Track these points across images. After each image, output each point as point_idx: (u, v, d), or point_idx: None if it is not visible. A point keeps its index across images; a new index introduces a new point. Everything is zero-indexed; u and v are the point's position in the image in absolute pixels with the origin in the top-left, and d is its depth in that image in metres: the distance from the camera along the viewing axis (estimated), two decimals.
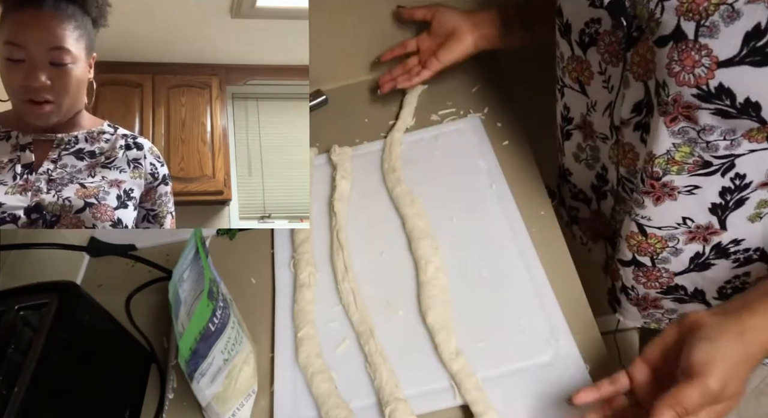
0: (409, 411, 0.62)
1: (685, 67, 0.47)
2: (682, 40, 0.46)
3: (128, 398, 0.72)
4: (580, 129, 0.70)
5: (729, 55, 0.44)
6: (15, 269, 0.76)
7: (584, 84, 0.64)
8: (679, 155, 0.54)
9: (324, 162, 0.95)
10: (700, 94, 0.47)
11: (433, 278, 0.73)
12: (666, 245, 0.64)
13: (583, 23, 0.59)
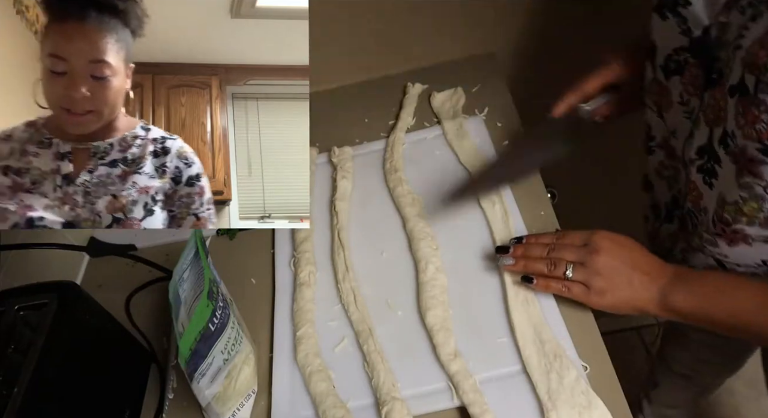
0: (405, 411, 0.62)
1: (748, 122, 0.46)
2: (746, 94, 0.45)
3: (128, 398, 0.72)
4: (662, 148, 0.68)
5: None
6: (15, 269, 0.76)
7: (662, 110, 0.62)
8: (747, 209, 0.53)
9: (325, 161, 0.95)
10: (762, 149, 0.46)
11: (432, 278, 0.73)
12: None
13: (671, 49, 0.56)
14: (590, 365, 0.63)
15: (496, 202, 0.78)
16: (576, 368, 0.61)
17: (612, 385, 0.62)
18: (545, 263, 0.65)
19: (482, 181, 0.74)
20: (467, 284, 0.73)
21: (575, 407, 0.58)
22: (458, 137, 0.89)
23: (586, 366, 0.63)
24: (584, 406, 0.58)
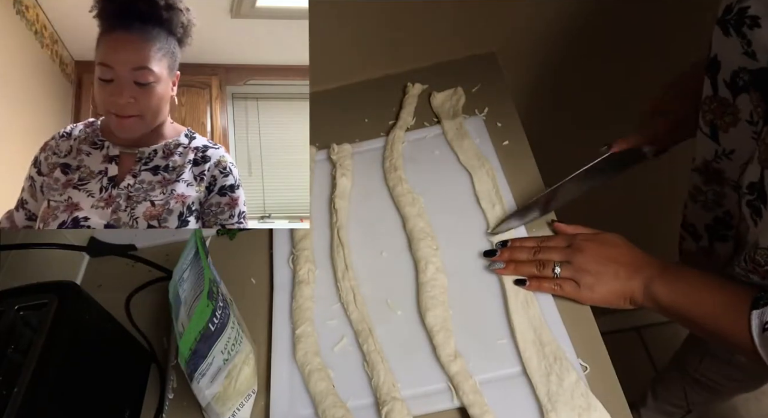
0: (405, 411, 0.62)
1: None
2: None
3: (128, 398, 0.72)
4: (700, 173, 0.66)
5: None
6: (15, 269, 0.76)
7: (718, 129, 0.58)
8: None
9: (324, 158, 0.95)
10: None
11: (432, 278, 0.73)
12: None
13: (737, 66, 0.53)
14: (590, 365, 0.63)
15: (496, 202, 0.78)
16: (576, 370, 0.61)
17: (612, 385, 0.62)
18: (534, 264, 0.68)
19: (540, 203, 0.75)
20: (467, 284, 0.73)
21: (575, 409, 0.58)
22: (458, 137, 0.89)
23: (586, 367, 0.63)
24: (584, 408, 0.58)
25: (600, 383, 0.61)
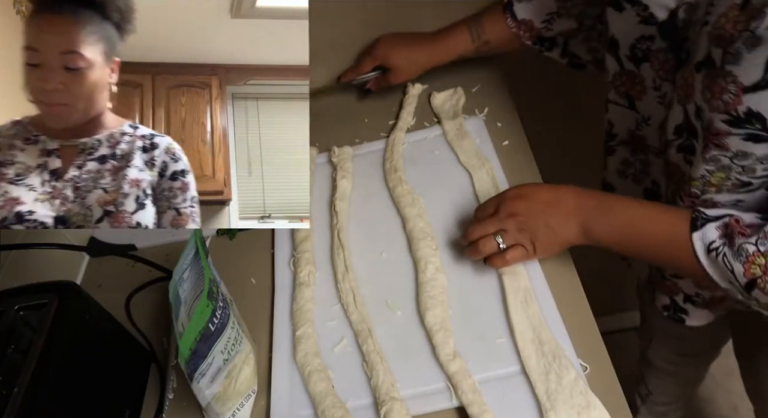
0: (404, 411, 0.62)
1: (714, 94, 0.47)
2: (712, 68, 0.47)
3: (128, 398, 0.72)
4: (626, 144, 0.69)
5: (753, 80, 0.44)
6: (15, 269, 0.76)
7: (634, 99, 0.64)
8: (715, 179, 0.54)
9: (325, 161, 0.95)
10: (729, 120, 0.47)
11: (432, 278, 0.73)
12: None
13: (633, 39, 0.58)
14: (590, 365, 0.63)
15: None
16: (575, 368, 0.61)
17: (611, 385, 0.62)
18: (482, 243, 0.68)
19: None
20: (467, 284, 0.73)
21: (574, 407, 0.58)
22: (458, 137, 0.89)
23: (585, 366, 0.63)
24: (583, 406, 0.58)
25: (600, 383, 0.61)
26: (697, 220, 0.53)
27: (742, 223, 0.51)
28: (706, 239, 0.52)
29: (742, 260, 0.50)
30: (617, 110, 0.67)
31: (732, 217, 0.52)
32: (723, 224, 0.52)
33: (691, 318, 0.76)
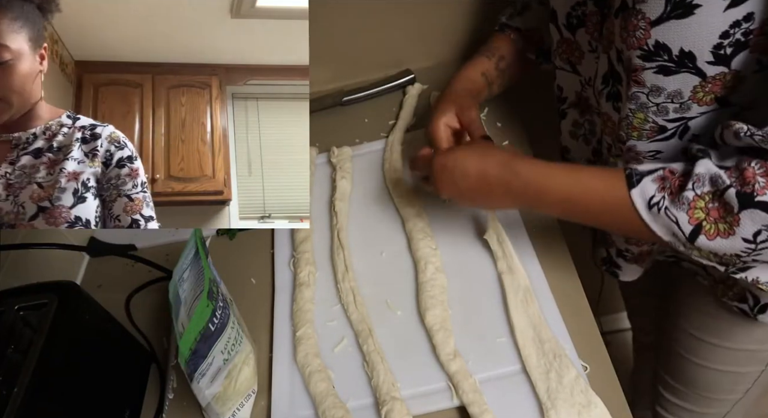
0: (405, 411, 0.62)
1: (629, 33, 0.51)
2: (626, 9, 0.51)
3: (128, 398, 0.72)
4: (575, 106, 0.73)
5: (657, 14, 0.48)
6: (15, 269, 0.76)
7: (575, 64, 0.68)
8: (636, 121, 0.57)
9: (324, 161, 0.95)
10: (643, 55, 0.51)
11: (432, 278, 0.73)
12: None
13: (569, 7, 0.63)
14: (590, 364, 0.63)
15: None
16: (575, 367, 0.61)
17: (612, 384, 0.62)
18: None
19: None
20: (467, 283, 0.73)
21: (574, 406, 0.58)
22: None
23: (585, 366, 0.63)
24: (583, 405, 0.58)
25: (600, 383, 0.61)
26: (632, 176, 0.53)
27: (676, 173, 0.52)
28: (646, 194, 0.52)
29: (684, 208, 0.50)
30: (563, 75, 0.71)
31: (665, 168, 0.53)
32: (659, 177, 0.52)
33: (623, 273, 0.78)
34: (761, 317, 0.68)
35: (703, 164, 0.50)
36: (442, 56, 1.05)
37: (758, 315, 0.68)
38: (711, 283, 0.73)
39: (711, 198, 0.49)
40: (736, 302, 0.70)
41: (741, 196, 0.47)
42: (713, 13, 0.46)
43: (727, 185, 0.48)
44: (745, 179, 0.47)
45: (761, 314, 0.68)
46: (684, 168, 0.52)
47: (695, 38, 0.48)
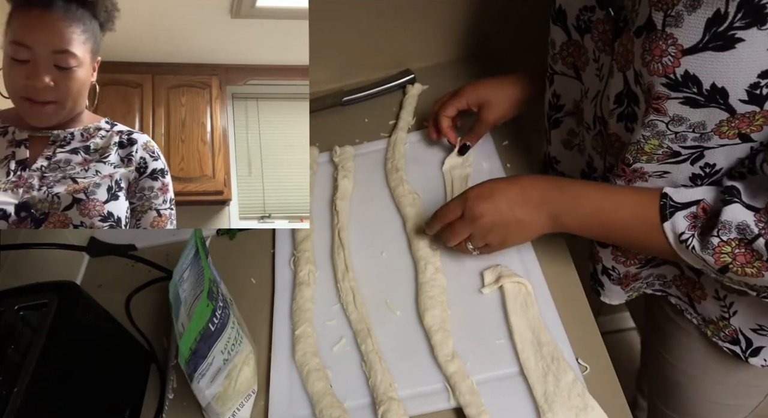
0: (402, 411, 0.62)
1: (654, 57, 0.47)
2: (653, 31, 0.47)
3: (128, 398, 0.72)
4: (573, 115, 0.71)
5: (692, 42, 0.45)
6: (15, 269, 0.76)
7: (580, 69, 0.65)
8: (648, 147, 0.55)
9: (326, 160, 0.95)
10: (668, 83, 0.48)
11: (431, 279, 0.73)
12: None
13: (577, 10, 0.60)
14: (590, 365, 0.63)
15: None
16: (573, 370, 0.61)
17: (611, 385, 0.62)
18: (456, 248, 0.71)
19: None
20: (466, 284, 0.73)
21: (571, 409, 0.58)
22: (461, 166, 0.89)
23: (585, 366, 0.63)
24: (580, 408, 0.58)
25: (600, 383, 0.61)
26: (666, 207, 0.54)
27: (708, 211, 0.52)
28: (677, 229, 0.53)
29: (710, 252, 0.51)
30: (564, 81, 0.68)
31: (699, 204, 0.53)
32: (691, 214, 0.53)
33: (605, 294, 0.77)
34: (753, 360, 0.68)
35: (730, 211, 0.50)
36: (442, 56, 1.05)
37: (750, 358, 0.68)
38: (700, 322, 0.71)
39: (737, 244, 0.50)
40: (728, 343, 0.69)
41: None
42: (756, 49, 0.43)
43: (756, 235, 0.48)
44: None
45: (753, 357, 0.67)
46: (715, 207, 0.52)
47: (731, 74, 0.45)
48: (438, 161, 0.88)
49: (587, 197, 0.60)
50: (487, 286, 0.71)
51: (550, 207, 0.62)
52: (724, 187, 0.52)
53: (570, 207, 0.61)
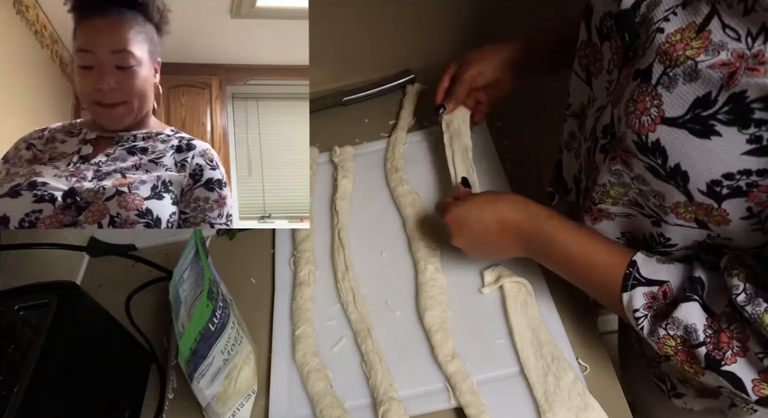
0: (402, 411, 0.62)
1: (636, 111, 0.45)
2: (646, 82, 0.45)
3: (128, 398, 0.72)
4: (577, 117, 0.68)
5: (675, 114, 0.43)
6: (15, 269, 0.76)
7: (592, 75, 0.61)
8: (614, 192, 0.55)
9: (326, 161, 0.95)
10: (638, 143, 0.46)
11: (431, 278, 0.73)
12: None
13: (602, 13, 0.55)
14: (590, 365, 0.63)
15: None
16: (573, 370, 0.61)
17: (611, 385, 0.62)
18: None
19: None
20: (466, 284, 0.73)
21: (572, 409, 0.58)
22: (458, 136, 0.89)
23: (585, 366, 0.63)
24: (581, 408, 0.58)
25: (600, 383, 0.61)
26: (629, 278, 0.53)
27: (669, 297, 0.51)
28: (633, 305, 0.53)
29: (655, 339, 0.51)
30: (576, 82, 0.64)
31: (662, 286, 0.52)
32: (651, 294, 0.52)
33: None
34: (675, 401, 0.69)
35: (685, 309, 0.49)
36: (442, 56, 1.05)
37: (673, 399, 0.69)
38: (640, 348, 0.71)
39: (681, 343, 0.49)
40: (656, 379, 0.70)
41: (709, 360, 0.47)
42: (729, 150, 0.41)
43: (700, 342, 0.48)
44: (719, 342, 0.47)
45: (676, 399, 0.68)
46: (677, 295, 0.51)
47: (698, 163, 0.43)
48: (438, 161, 0.88)
49: (560, 246, 0.59)
50: (487, 286, 0.71)
51: (524, 244, 0.62)
52: (691, 277, 0.51)
53: (542, 252, 0.61)
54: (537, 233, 0.60)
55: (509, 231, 0.62)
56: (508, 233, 0.62)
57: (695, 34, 0.42)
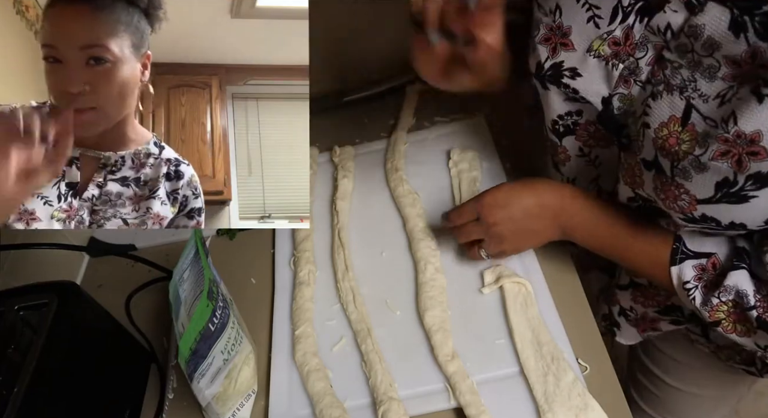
0: (402, 411, 0.62)
1: (669, 197, 0.47)
2: (662, 174, 0.47)
3: (128, 398, 0.72)
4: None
5: (705, 196, 0.45)
6: (15, 269, 0.76)
7: (559, 165, 0.65)
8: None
9: (326, 160, 0.95)
10: (686, 219, 0.48)
11: (431, 278, 0.73)
12: None
13: (555, 116, 0.58)
14: (590, 365, 0.63)
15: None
16: (573, 370, 0.61)
17: (611, 385, 0.62)
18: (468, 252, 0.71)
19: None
20: (466, 284, 0.73)
21: (572, 409, 0.58)
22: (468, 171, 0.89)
23: (585, 366, 0.63)
24: (581, 408, 0.58)
25: (600, 383, 0.61)
26: (677, 252, 0.54)
27: (717, 266, 0.53)
28: (684, 277, 0.54)
29: (707, 308, 0.53)
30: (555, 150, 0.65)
31: (710, 258, 0.53)
32: (700, 266, 0.53)
33: (620, 334, 0.77)
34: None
35: (735, 277, 0.50)
36: None
37: (765, 374, 0.70)
38: (714, 349, 0.72)
39: (733, 306, 0.51)
40: (743, 365, 0.70)
41: (761, 322, 0.49)
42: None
43: (751, 306, 0.49)
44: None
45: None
46: (725, 265, 0.52)
47: (750, 215, 0.45)
48: (438, 161, 0.88)
49: (604, 225, 0.59)
50: (487, 286, 0.71)
51: (565, 220, 0.61)
52: (736, 247, 0.52)
53: (587, 227, 0.61)
54: (580, 213, 0.60)
55: (548, 212, 0.62)
56: (547, 214, 0.62)
57: (681, 128, 0.44)
